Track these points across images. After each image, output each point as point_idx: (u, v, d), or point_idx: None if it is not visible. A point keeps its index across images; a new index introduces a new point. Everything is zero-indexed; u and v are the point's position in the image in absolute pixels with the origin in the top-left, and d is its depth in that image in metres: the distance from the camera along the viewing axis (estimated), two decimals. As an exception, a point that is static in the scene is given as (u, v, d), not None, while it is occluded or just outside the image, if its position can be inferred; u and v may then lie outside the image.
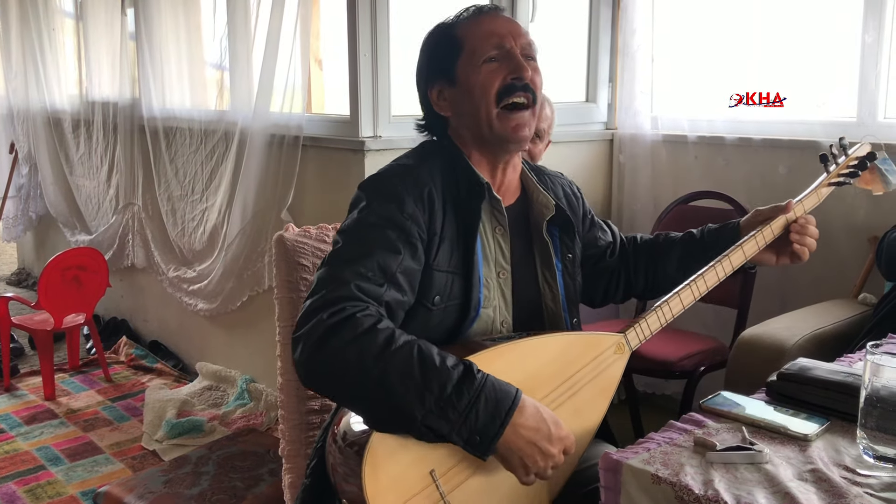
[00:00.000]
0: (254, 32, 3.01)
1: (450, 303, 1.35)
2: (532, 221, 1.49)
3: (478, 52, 1.37)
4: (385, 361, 1.15)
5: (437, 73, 1.41)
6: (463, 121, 1.41)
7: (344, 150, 2.71)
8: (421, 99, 1.47)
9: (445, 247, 1.34)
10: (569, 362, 1.32)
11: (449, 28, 1.43)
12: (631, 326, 1.40)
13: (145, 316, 4.15)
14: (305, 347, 1.18)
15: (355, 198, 1.36)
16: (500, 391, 1.17)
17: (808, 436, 1.20)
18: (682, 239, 1.64)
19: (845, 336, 2.27)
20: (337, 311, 1.18)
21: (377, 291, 1.23)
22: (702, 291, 1.47)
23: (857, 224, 2.72)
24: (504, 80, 1.37)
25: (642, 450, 1.17)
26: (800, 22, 2.84)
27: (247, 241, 3.14)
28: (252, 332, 3.34)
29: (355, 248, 1.27)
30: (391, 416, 1.15)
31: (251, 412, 3.19)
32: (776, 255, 1.57)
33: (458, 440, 1.15)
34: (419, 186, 1.33)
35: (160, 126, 3.61)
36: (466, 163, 1.40)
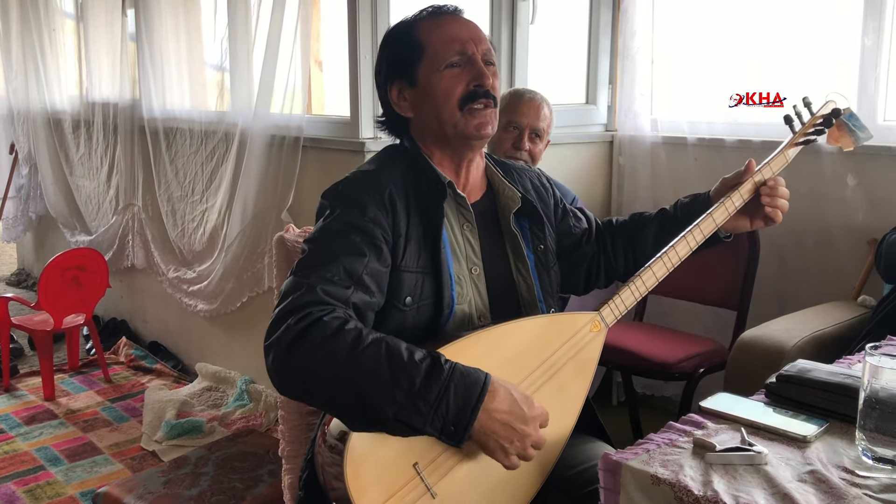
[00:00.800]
0: (254, 33, 3.01)
1: (422, 302, 1.36)
2: (500, 215, 1.51)
3: (439, 56, 1.39)
4: (354, 361, 1.16)
5: (396, 73, 1.43)
6: (425, 121, 1.43)
7: (344, 151, 2.72)
8: (381, 97, 1.49)
9: (412, 247, 1.36)
10: (545, 344, 1.34)
11: (409, 28, 1.43)
12: (605, 303, 1.41)
13: (145, 316, 4.15)
14: (276, 355, 1.19)
15: (319, 206, 1.39)
16: (469, 378, 1.18)
17: (806, 437, 1.20)
18: (655, 216, 1.65)
19: (845, 338, 2.27)
20: (304, 317, 1.19)
21: (343, 294, 1.25)
22: (674, 263, 1.48)
23: (857, 226, 2.72)
24: (467, 86, 1.39)
25: (641, 451, 1.17)
26: (799, 24, 2.85)
27: (247, 242, 3.14)
28: (251, 333, 3.34)
29: (320, 254, 1.29)
30: (364, 416, 1.16)
31: (250, 413, 3.20)
32: (750, 220, 1.57)
33: (432, 431, 1.16)
34: (379, 190, 1.35)
35: (160, 127, 3.61)
36: (427, 163, 1.42)
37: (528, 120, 2.35)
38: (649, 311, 3.08)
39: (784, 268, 2.89)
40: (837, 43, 2.76)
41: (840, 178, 2.74)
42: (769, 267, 2.83)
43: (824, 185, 2.78)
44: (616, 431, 1.64)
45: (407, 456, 1.21)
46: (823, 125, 1.60)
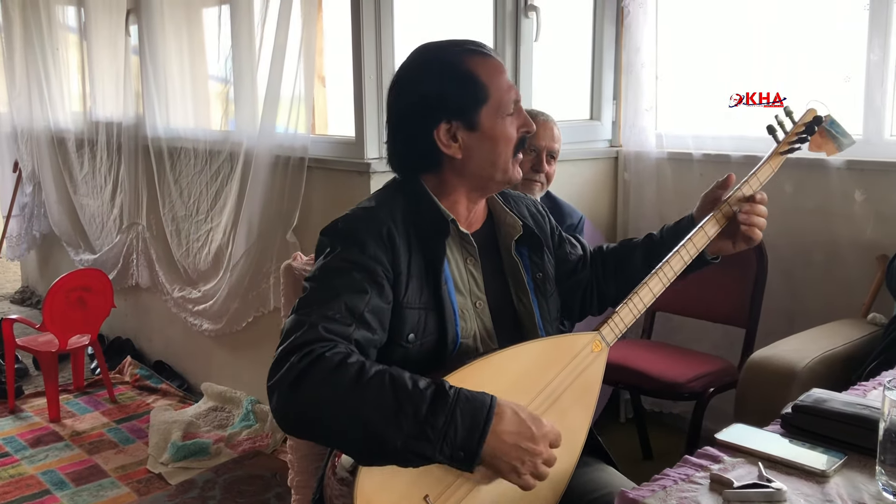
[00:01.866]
0: (258, 51, 3.01)
1: (425, 339, 1.36)
2: (500, 243, 1.51)
3: (504, 105, 1.39)
4: (359, 394, 1.15)
5: (452, 113, 1.38)
6: (475, 164, 1.40)
7: (349, 172, 2.71)
8: (412, 133, 1.41)
9: (414, 284, 1.35)
10: (546, 367, 1.33)
11: (464, 66, 1.38)
12: (604, 322, 1.41)
13: (150, 336, 4.14)
14: (280, 395, 1.18)
15: (319, 244, 1.38)
16: (475, 402, 1.17)
17: (825, 471, 1.18)
18: (643, 241, 1.65)
19: (855, 357, 2.25)
20: (306, 354, 1.18)
21: (345, 331, 1.24)
22: (669, 278, 1.48)
23: (865, 242, 2.70)
24: (518, 132, 1.41)
25: (658, 487, 1.15)
26: (805, 40, 2.84)
27: (252, 262, 3.13)
28: (257, 353, 3.33)
29: (321, 292, 1.28)
30: (373, 448, 1.15)
31: (257, 434, 3.18)
32: (731, 242, 1.56)
33: (442, 458, 1.15)
34: (378, 227, 1.34)
35: (164, 146, 3.61)
36: (432, 200, 1.41)
37: (545, 142, 2.36)
38: (657, 328, 3.07)
39: (792, 284, 2.87)
40: (844, 58, 2.75)
41: (848, 194, 2.73)
42: (777, 283, 2.81)
43: (832, 201, 2.77)
44: (624, 449, 1.64)
45: (417, 488, 1.20)
46: (806, 133, 1.60)
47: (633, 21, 3.23)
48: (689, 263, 1.50)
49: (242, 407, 3.33)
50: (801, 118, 1.61)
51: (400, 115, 1.43)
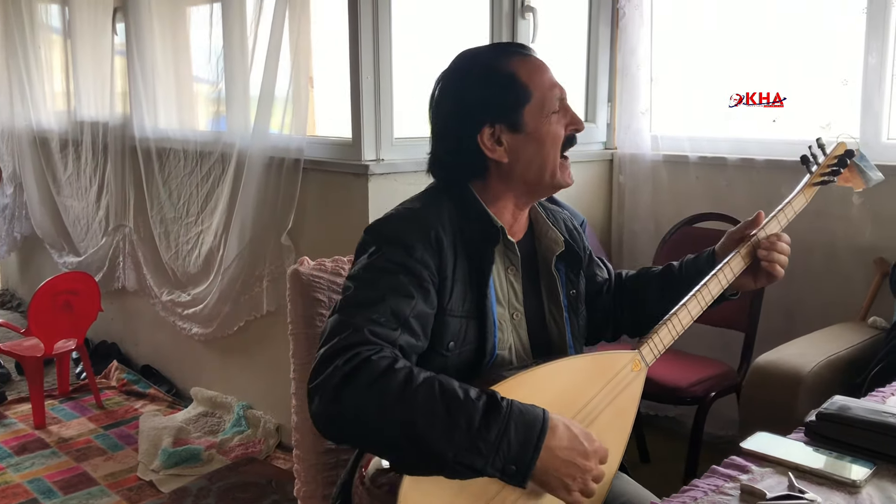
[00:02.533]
0: (252, 51, 2.96)
1: (464, 348, 1.32)
2: (540, 257, 1.48)
3: (547, 103, 1.35)
4: (407, 402, 1.11)
5: (495, 116, 1.35)
6: (522, 167, 1.36)
7: (346, 174, 2.67)
8: (456, 137, 1.38)
9: (458, 291, 1.31)
10: (588, 384, 1.30)
11: (504, 67, 1.35)
12: (644, 342, 1.38)
13: (136, 340, 4.07)
14: (322, 398, 1.14)
15: (362, 242, 1.34)
16: (529, 415, 1.13)
17: (856, 482, 1.16)
18: (661, 272, 1.63)
19: (858, 361, 2.25)
20: (352, 357, 1.14)
21: (391, 335, 1.20)
22: (707, 301, 1.46)
23: (863, 246, 2.71)
24: (566, 130, 1.37)
25: (689, 499, 1.13)
26: (803, 43, 2.84)
27: (244, 266, 3.08)
28: (249, 358, 3.28)
29: (367, 293, 1.24)
30: (421, 458, 1.11)
31: (249, 440, 3.13)
32: (753, 278, 1.54)
33: (493, 472, 1.11)
34: (426, 230, 1.30)
35: (153, 147, 3.54)
36: (481, 206, 1.37)
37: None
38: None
39: (790, 287, 2.87)
40: (842, 61, 2.75)
41: (845, 197, 2.73)
42: (775, 286, 2.76)
43: (830, 204, 2.77)
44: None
45: (459, 501, 1.16)
46: (839, 165, 1.62)
47: (628, 23, 3.22)
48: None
49: (234, 412, 3.28)
50: (833, 151, 1.63)
51: (443, 122, 1.40)
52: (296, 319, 1.63)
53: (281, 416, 3.16)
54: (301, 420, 1.64)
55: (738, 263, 1.50)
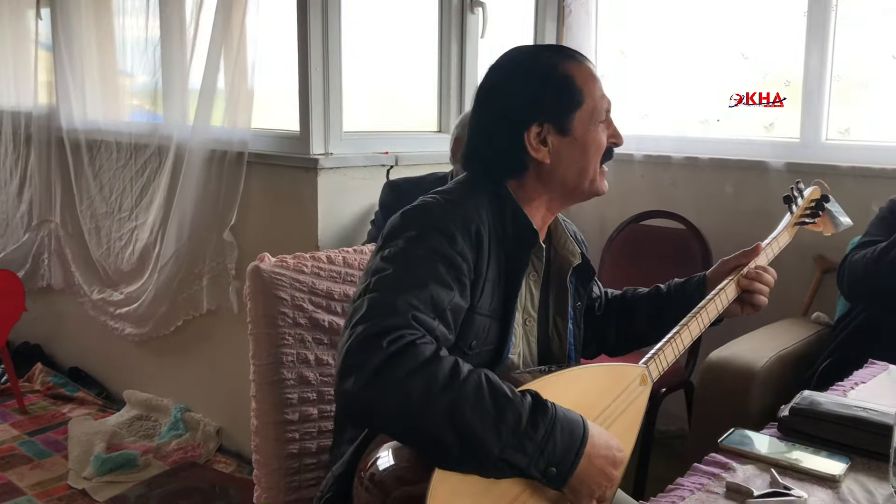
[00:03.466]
0: (192, 42, 2.84)
1: (484, 348, 1.29)
2: (555, 267, 1.45)
3: (598, 112, 1.33)
4: (454, 392, 1.07)
5: (546, 116, 1.31)
6: (563, 171, 1.33)
7: (294, 168, 2.59)
8: (502, 133, 1.35)
9: (488, 290, 1.28)
10: (603, 394, 1.27)
11: (561, 69, 1.33)
12: (652, 358, 1.36)
13: (62, 341, 3.88)
14: (361, 377, 1.07)
15: (398, 226, 1.27)
16: (571, 420, 1.12)
17: (836, 476, 1.17)
18: (649, 294, 1.63)
19: (806, 356, 2.30)
20: (396, 339, 1.09)
21: (431, 324, 1.16)
22: (705, 324, 1.46)
23: (803, 244, 2.75)
24: (608, 141, 1.35)
25: (676, 498, 1.12)
26: (747, 42, 2.89)
27: (182, 263, 2.96)
28: (187, 359, 3.16)
29: (407, 277, 1.18)
30: (464, 452, 1.06)
31: (188, 443, 3.01)
32: (740, 306, 1.56)
33: (535, 473, 1.08)
34: (468, 223, 1.26)
35: (82, 139, 3.38)
36: (520, 208, 1.34)
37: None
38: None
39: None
40: (784, 63, 2.81)
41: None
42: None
43: (771, 203, 2.82)
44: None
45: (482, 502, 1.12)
46: (816, 209, 1.69)
47: (574, 21, 3.23)
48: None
49: (171, 415, 3.16)
50: (810, 194, 1.71)
51: (490, 115, 1.36)
52: (256, 319, 1.56)
53: (222, 418, 3.05)
54: (261, 424, 1.56)
55: (733, 290, 1.51)
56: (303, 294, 1.58)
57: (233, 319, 2.87)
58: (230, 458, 2.94)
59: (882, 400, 1.42)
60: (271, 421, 1.56)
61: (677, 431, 3.01)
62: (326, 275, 1.63)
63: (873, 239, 2.17)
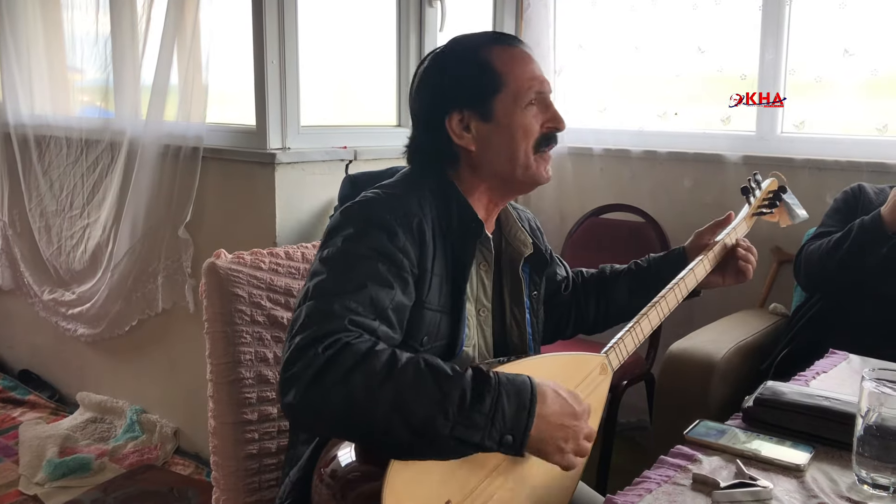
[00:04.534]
0: (144, 36, 2.77)
1: (436, 343, 1.27)
2: (506, 257, 1.44)
3: (522, 94, 1.30)
4: (395, 382, 1.05)
5: (465, 102, 1.30)
6: (490, 158, 1.32)
7: (250, 163, 2.54)
8: (429, 122, 1.34)
9: (436, 284, 1.26)
10: (567, 381, 1.26)
11: (481, 53, 1.31)
12: (611, 348, 1.36)
13: (11, 343, 3.77)
14: (301, 387, 1.05)
15: (338, 224, 1.25)
16: (517, 383, 1.10)
17: (800, 465, 1.18)
18: (628, 269, 1.64)
19: (764, 346, 2.32)
20: (331, 344, 1.07)
21: (370, 325, 1.14)
22: (665, 313, 1.48)
23: (761, 236, 2.78)
24: (542, 127, 1.32)
25: (644, 491, 1.11)
26: (704, 37, 2.91)
27: (136, 261, 2.89)
28: (142, 359, 3.09)
29: (344, 280, 1.16)
30: (416, 438, 1.05)
31: (144, 446, 2.94)
32: (722, 277, 1.60)
33: (490, 444, 1.07)
34: (409, 217, 1.24)
35: (30, 134, 3.28)
36: (463, 199, 1.32)
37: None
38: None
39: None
40: (740, 57, 2.84)
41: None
42: (677, 275, 2.87)
43: (728, 196, 2.85)
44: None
45: (441, 492, 1.11)
46: (774, 200, 1.73)
47: (533, 14, 3.22)
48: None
49: (126, 417, 3.08)
50: (768, 186, 1.75)
51: (419, 104, 1.37)
52: (212, 317, 1.52)
53: (179, 419, 2.99)
54: (220, 424, 1.53)
55: (709, 262, 1.55)
56: (261, 291, 1.55)
57: (189, 318, 2.81)
58: (188, 460, 2.89)
59: (843, 389, 1.44)
60: (230, 421, 1.52)
61: (638, 423, 3.03)
62: (285, 271, 1.60)
63: (828, 230, 2.20)
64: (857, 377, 1.50)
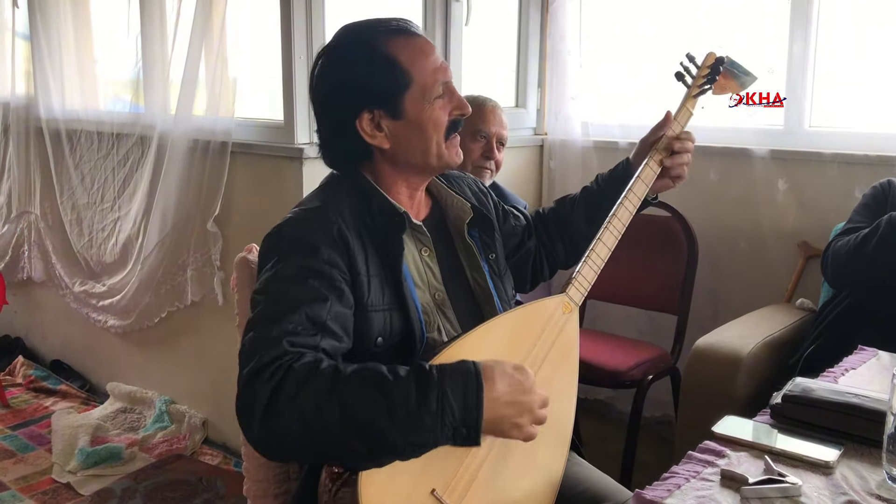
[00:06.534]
0: (174, 31, 2.80)
1: (393, 340, 1.29)
2: (451, 228, 1.47)
3: (429, 89, 1.32)
4: (339, 397, 1.07)
5: (374, 102, 1.30)
6: (405, 152, 1.34)
7: (279, 158, 2.57)
8: (336, 123, 1.34)
9: (375, 284, 1.28)
10: (522, 338, 1.28)
11: (383, 50, 1.30)
12: (569, 283, 1.37)
13: (44, 333, 3.84)
14: (254, 421, 1.08)
15: (263, 254, 1.28)
16: (460, 372, 1.11)
17: (829, 462, 1.18)
18: (581, 195, 1.66)
19: (791, 342, 2.32)
20: (275, 371, 1.09)
21: (312, 342, 1.15)
22: (620, 230, 1.46)
23: (787, 230, 2.79)
24: (450, 114, 1.34)
25: (672, 486, 1.12)
26: (729, 30, 2.89)
27: (166, 254, 2.93)
28: (171, 351, 3.13)
29: (278, 305, 1.18)
30: (370, 450, 1.07)
31: (173, 435, 2.99)
32: (670, 178, 1.58)
33: (445, 441, 1.08)
34: (328, 228, 1.26)
35: (62, 128, 3.33)
36: (381, 195, 1.34)
37: (495, 129, 2.32)
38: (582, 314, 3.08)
39: (717, 271, 2.94)
40: (768, 51, 2.81)
41: (771, 183, 2.81)
42: (702, 269, 2.86)
43: (756, 190, 2.84)
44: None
45: (423, 483, 1.13)
46: (712, 74, 1.65)
47: (558, 8, 3.22)
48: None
49: (155, 408, 3.13)
50: (704, 62, 1.67)
51: (322, 103, 1.36)
52: (243, 310, 1.54)
53: (207, 410, 3.03)
54: (251, 416, 1.55)
55: (651, 172, 1.52)
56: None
57: (218, 311, 2.85)
58: (216, 450, 2.93)
59: (872, 386, 1.44)
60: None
61: (663, 417, 3.03)
62: (314, 265, 1.62)
63: (857, 225, 2.19)
64: (887, 374, 1.51)
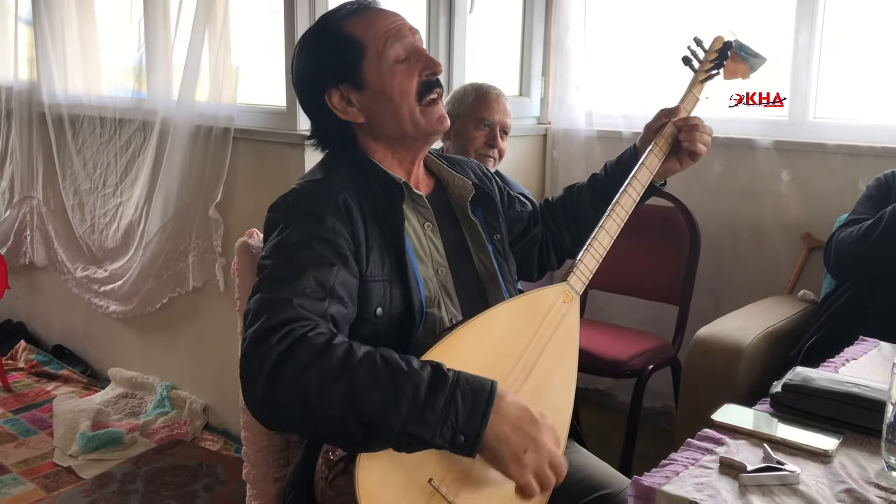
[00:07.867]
0: (178, 15, 2.79)
1: (392, 312, 1.29)
2: (455, 206, 1.47)
3: (384, 53, 1.32)
4: (349, 376, 1.06)
5: (336, 78, 1.33)
6: (380, 124, 1.35)
7: (281, 144, 2.56)
8: (313, 109, 1.39)
9: (375, 255, 1.29)
10: (522, 327, 1.28)
11: (336, 27, 1.34)
12: (570, 271, 1.37)
13: (46, 318, 3.84)
14: (260, 384, 1.07)
15: (269, 221, 1.30)
16: (475, 384, 1.10)
17: (828, 451, 1.18)
18: (588, 183, 1.65)
19: (793, 333, 2.31)
20: (286, 335, 1.08)
21: (320, 307, 1.15)
22: (623, 217, 1.46)
23: (791, 221, 2.78)
24: (420, 77, 1.34)
25: (671, 473, 1.12)
26: (733, 21, 2.88)
27: (168, 239, 2.93)
28: (173, 336, 3.14)
29: (286, 268, 1.19)
30: (367, 433, 1.06)
31: (174, 421, 3.00)
32: (678, 160, 1.56)
33: (441, 443, 1.06)
34: (333, 197, 1.27)
35: (65, 113, 3.33)
36: (377, 166, 1.36)
37: (498, 117, 2.31)
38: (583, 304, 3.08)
39: (719, 262, 2.94)
40: (773, 41, 2.80)
41: (775, 174, 2.80)
42: (705, 261, 2.86)
43: (759, 181, 2.83)
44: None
45: (421, 472, 1.12)
46: (720, 58, 1.63)
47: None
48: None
49: (156, 393, 3.14)
50: (712, 46, 1.64)
51: (298, 91, 1.40)
52: (244, 295, 1.54)
53: (208, 396, 3.04)
54: (251, 400, 1.55)
55: (656, 158, 1.51)
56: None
57: (219, 296, 2.85)
58: (217, 436, 2.93)
59: (873, 376, 1.43)
60: (261, 397, 1.55)
61: (663, 408, 3.03)
62: (316, 251, 1.62)
63: (860, 217, 2.18)
64: (888, 364, 1.51)
